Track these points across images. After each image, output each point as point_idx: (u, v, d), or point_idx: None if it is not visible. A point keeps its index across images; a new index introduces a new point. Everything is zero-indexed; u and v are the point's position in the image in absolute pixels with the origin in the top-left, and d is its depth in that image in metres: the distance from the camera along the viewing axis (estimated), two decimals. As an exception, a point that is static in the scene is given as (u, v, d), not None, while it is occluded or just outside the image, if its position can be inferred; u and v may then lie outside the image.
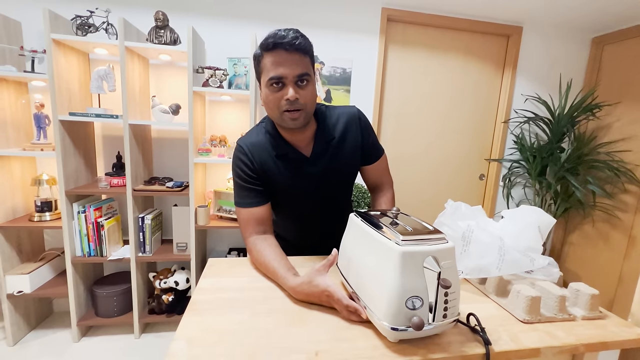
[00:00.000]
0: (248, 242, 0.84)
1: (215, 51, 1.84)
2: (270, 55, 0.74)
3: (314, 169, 0.87)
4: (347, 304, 0.60)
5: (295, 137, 0.85)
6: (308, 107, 0.78)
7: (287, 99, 0.74)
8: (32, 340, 1.67)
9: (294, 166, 0.86)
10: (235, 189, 0.87)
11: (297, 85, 0.75)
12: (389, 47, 2.04)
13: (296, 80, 0.75)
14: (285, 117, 0.77)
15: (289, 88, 0.74)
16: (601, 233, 2.09)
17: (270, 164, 0.85)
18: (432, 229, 0.58)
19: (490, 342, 0.55)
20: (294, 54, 0.74)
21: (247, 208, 0.84)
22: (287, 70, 0.73)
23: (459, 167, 2.28)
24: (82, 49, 1.62)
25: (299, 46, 0.73)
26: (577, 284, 0.69)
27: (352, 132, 0.90)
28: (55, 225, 1.57)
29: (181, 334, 0.54)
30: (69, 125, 1.55)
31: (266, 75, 0.75)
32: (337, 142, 0.88)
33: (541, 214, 0.80)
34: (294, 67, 0.74)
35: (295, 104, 0.75)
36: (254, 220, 0.84)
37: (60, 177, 1.52)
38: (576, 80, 2.19)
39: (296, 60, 0.74)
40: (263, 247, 0.80)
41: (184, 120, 1.67)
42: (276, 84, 0.74)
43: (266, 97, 0.78)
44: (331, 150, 0.88)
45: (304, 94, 0.76)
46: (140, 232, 1.68)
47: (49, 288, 1.65)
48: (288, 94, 0.74)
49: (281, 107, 0.76)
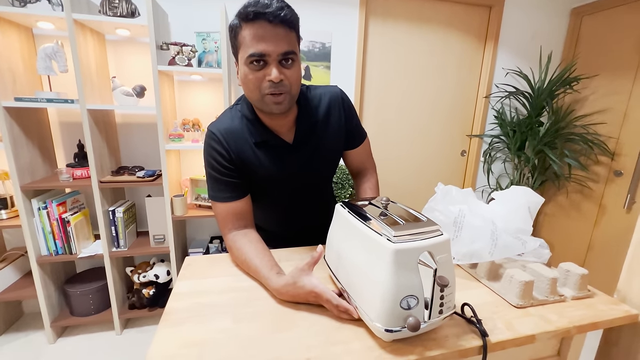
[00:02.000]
0: (227, 239, 0.76)
1: (181, 25, 1.66)
2: (250, 27, 0.63)
3: (296, 156, 0.79)
4: (337, 303, 0.55)
5: (275, 121, 0.76)
6: (293, 89, 0.69)
7: (270, 80, 0.65)
8: (3, 345, 1.57)
9: (275, 154, 0.77)
10: (209, 181, 0.78)
11: (282, 65, 0.65)
12: (370, 20, 1.93)
13: (280, 58, 0.65)
14: (268, 100, 0.68)
15: (272, 67, 0.64)
16: (574, 203, 2.17)
17: (248, 152, 0.76)
18: (425, 220, 0.54)
19: (487, 334, 0.53)
20: (279, 28, 0.63)
21: (225, 203, 0.76)
22: (271, 46, 0.63)
23: (441, 144, 2.28)
24: (23, 22, 1.41)
25: (284, 18, 0.62)
26: (567, 264, 0.69)
27: (336, 113, 0.82)
28: (14, 224, 1.43)
29: (155, 352, 0.48)
30: (16, 112, 1.38)
31: (245, 51, 0.64)
32: (320, 125, 0.80)
33: (531, 194, 0.78)
34: (279, 43, 0.63)
35: (279, 87, 0.66)
36: (233, 215, 0.76)
37: (12, 171, 1.37)
38: (556, 53, 2.18)
39: (281, 35, 0.63)
40: (243, 243, 0.73)
41: (150, 103, 1.53)
42: (257, 62, 0.64)
43: (245, 76, 0.67)
44: (314, 135, 0.80)
45: (290, 74, 0.67)
46: (112, 226, 1.57)
47: (15, 290, 1.54)
48: (271, 75, 0.64)
49: (263, 90, 0.67)
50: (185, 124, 1.66)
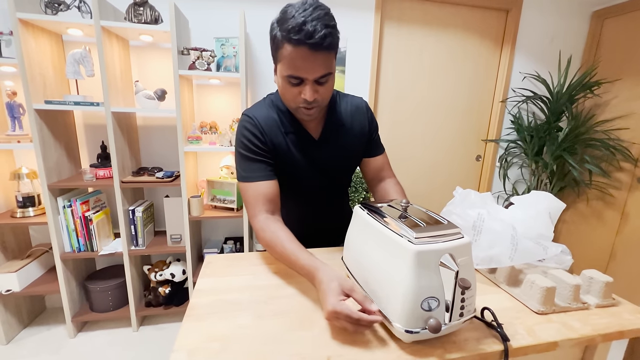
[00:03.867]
0: (258, 221, 0.74)
1: (201, 31, 1.71)
2: (291, 49, 0.65)
3: (320, 151, 0.84)
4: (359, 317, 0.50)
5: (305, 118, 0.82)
6: (324, 102, 0.76)
7: (304, 99, 0.70)
8: (27, 337, 1.63)
9: (301, 146, 0.83)
10: (241, 163, 0.79)
11: (317, 84, 0.70)
12: (385, 24, 1.94)
13: (317, 80, 0.69)
14: (300, 112, 0.75)
15: (308, 88, 0.69)
16: (595, 210, 2.11)
17: (280, 139, 0.80)
18: (446, 223, 0.54)
19: (509, 339, 0.52)
20: (320, 54, 0.65)
21: (256, 182, 0.76)
22: (309, 72, 0.67)
23: (456, 148, 2.25)
24: (54, 29, 1.49)
25: (326, 47, 0.65)
26: (590, 271, 0.67)
27: (360, 120, 0.88)
28: (40, 221, 1.50)
29: (181, 344, 0.50)
30: (45, 115, 1.45)
31: (285, 69, 0.68)
32: (345, 128, 0.86)
33: (551, 199, 0.77)
34: (317, 69, 0.67)
35: (312, 103, 0.72)
36: (263, 196, 0.76)
37: (41, 171, 1.43)
38: (576, 57, 2.13)
39: (320, 61, 0.66)
40: (278, 227, 0.72)
41: (170, 106, 1.58)
42: (294, 82, 0.69)
43: (282, 87, 0.73)
44: (339, 135, 0.85)
45: (323, 91, 0.72)
46: (132, 225, 1.62)
47: (39, 285, 1.60)
48: (306, 95, 0.69)
49: (297, 103, 0.73)
50: (203, 126, 1.70)
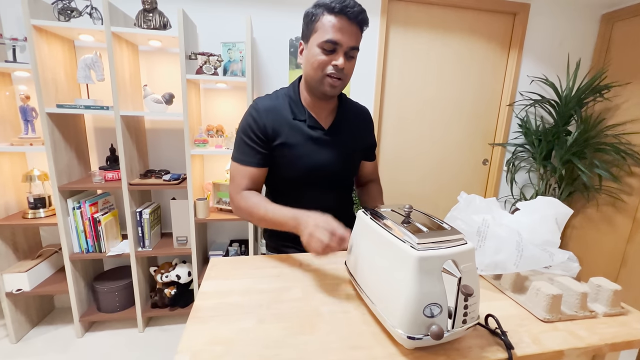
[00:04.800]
0: (239, 196, 0.83)
1: (208, 36, 1.74)
2: (332, 18, 0.74)
3: (328, 142, 0.88)
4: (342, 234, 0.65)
5: (316, 107, 0.87)
6: (347, 79, 0.81)
7: (335, 65, 0.76)
8: (35, 337, 1.66)
9: (309, 135, 0.85)
10: (238, 145, 0.86)
11: (346, 56, 0.77)
12: (391, 28, 1.94)
13: (347, 50, 0.76)
14: (327, 81, 0.78)
15: (340, 56, 0.76)
16: (605, 216, 2.07)
17: (284, 128, 0.84)
18: (449, 229, 0.54)
19: (513, 347, 0.52)
20: (354, 26, 0.75)
21: (246, 166, 0.84)
22: (345, 38, 0.74)
23: (462, 152, 2.24)
24: (66, 35, 1.53)
25: (361, 20, 0.75)
26: (598, 279, 0.66)
27: (365, 123, 0.98)
28: (51, 222, 1.53)
29: (185, 346, 0.51)
30: (57, 118, 1.48)
31: (321, 36, 0.75)
32: (352, 126, 0.92)
33: (558, 205, 0.76)
34: (351, 37, 0.75)
35: (340, 73, 0.77)
36: (249, 178, 0.85)
37: (52, 173, 1.47)
38: (585, 60, 2.11)
39: (354, 32, 0.76)
40: (259, 198, 0.82)
41: (178, 110, 1.60)
42: (329, 48, 0.75)
43: (313, 56, 0.77)
44: (347, 129, 0.91)
45: (349, 67, 0.79)
46: (139, 227, 1.64)
47: (48, 285, 1.63)
48: (338, 62, 0.75)
49: (325, 71, 0.77)
50: (209, 130, 1.72)
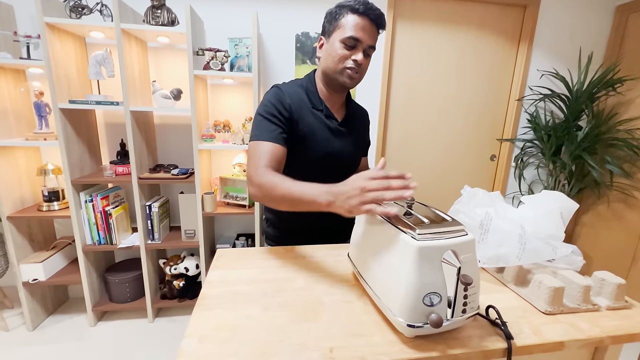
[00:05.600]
0: (263, 173, 0.74)
1: (215, 32, 1.76)
2: (356, 17, 0.80)
3: (342, 131, 0.93)
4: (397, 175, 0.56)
5: (329, 100, 0.93)
6: (362, 75, 0.87)
7: (354, 60, 0.82)
8: (51, 325, 1.72)
9: (327, 124, 0.91)
10: (258, 124, 0.83)
11: (364, 53, 0.83)
12: (397, 23, 1.93)
13: (366, 48, 0.83)
14: (345, 73, 0.84)
15: (360, 52, 0.82)
16: (616, 213, 2.03)
17: (306, 112, 0.88)
18: (450, 220, 0.55)
19: (512, 336, 0.52)
20: (374, 27, 0.83)
21: (267, 142, 0.79)
22: (366, 36, 0.81)
23: (469, 148, 2.22)
24: (78, 32, 1.56)
25: (380, 23, 0.83)
26: (602, 273, 0.66)
27: (365, 125, 1.07)
28: (64, 215, 1.58)
29: (192, 331, 0.53)
30: (69, 114, 1.52)
31: (344, 32, 0.81)
32: (358, 121, 1.02)
33: (563, 199, 0.75)
34: (371, 37, 0.83)
35: (358, 67, 0.83)
36: (272, 155, 0.78)
37: (65, 167, 1.51)
38: (597, 53, 2.06)
39: (374, 32, 0.83)
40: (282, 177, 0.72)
41: (186, 105, 1.63)
42: (350, 44, 0.81)
43: (334, 50, 0.83)
44: (355, 124, 0.98)
45: (365, 64, 0.85)
46: (148, 220, 1.68)
47: (62, 275, 1.68)
48: (358, 57, 0.82)
49: (345, 64, 0.83)
50: (216, 125, 1.75)
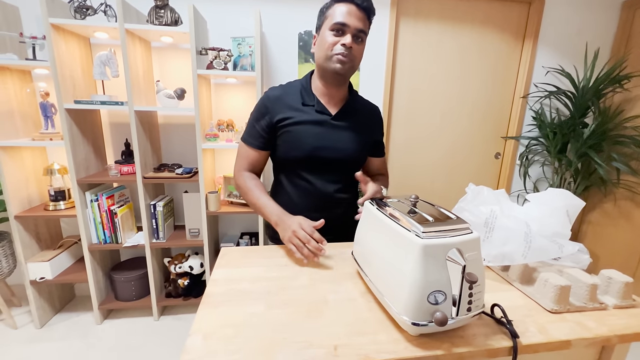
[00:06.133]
0: (241, 175, 0.96)
1: (218, 31, 1.76)
2: (341, 6, 0.82)
3: (333, 125, 0.92)
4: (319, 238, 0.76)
5: (326, 94, 0.92)
6: (355, 62, 0.86)
7: (342, 44, 0.82)
8: (58, 323, 1.74)
9: (316, 118, 0.91)
10: (249, 127, 0.95)
11: (354, 38, 0.83)
12: (401, 20, 1.92)
13: (355, 33, 0.82)
14: (335, 58, 0.84)
15: (348, 36, 0.82)
16: (623, 211, 2.01)
17: (292, 111, 0.90)
18: (454, 218, 0.55)
19: (518, 335, 0.52)
20: (361, 12, 0.83)
21: (249, 147, 0.94)
22: (352, 21, 0.82)
23: (474, 146, 2.20)
24: (82, 33, 1.57)
25: (367, 8, 0.83)
26: (609, 271, 0.65)
27: (373, 119, 1.02)
28: (70, 214, 1.59)
29: (197, 328, 0.53)
30: (75, 114, 1.53)
31: (331, 21, 0.83)
32: (360, 116, 0.97)
33: (569, 197, 0.75)
34: (358, 21, 0.83)
35: (347, 53, 0.83)
36: (250, 160, 0.95)
37: (70, 167, 1.53)
38: (604, 50, 2.03)
39: (361, 17, 0.83)
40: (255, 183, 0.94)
41: (189, 105, 1.63)
42: (338, 30, 0.82)
43: (323, 39, 0.85)
44: (354, 119, 0.95)
45: (357, 49, 0.85)
46: (153, 219, 1.69)
47: (69, 274, 1.70)
48: (345, 40, 0.82)
49: (334, 50, 0.83)
50: (220, 124, 1.75)
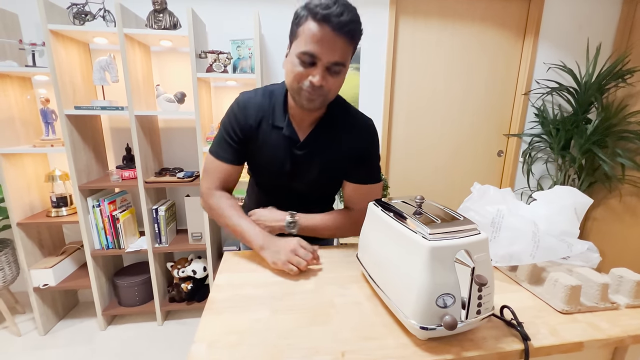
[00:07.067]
0: (211, 194, 0.83)
1: (217, 34, 1.76)
2: (314, 25, 0.64)
3: (299, 155, 0.81)
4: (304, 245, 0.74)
5: (299, 113, 0.79)
6: (330, 95, 0.72)
7: (311, 82, 0.68)
8: (62, 329, 1.74)
9: (283, 143, 0.80)
10: (217, 138, 0.84)
11: (328, 71, 0.67)
12: (400, 19, 1.91)
13: (329, 65, 0.67)
14: (303, 94, 0.70)
15: (318, 72, 0.66)
16: (628, 207, 1.99)
17: (261, 130, 0.80)
18: (461, 219, 0.53)
19: (529, 337, 0.51)
20: (339, 38, 0.64)
21: (222, 162, 0.82)
22: (325, 52, 0.65)
23: (476, 144, 2.19)
24: (82, 39, 1.57)
25: (348, 32, 0.64)
26: (620, 270, 0.64)
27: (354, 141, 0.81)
28: (72, 220, 1.59)
29: (201, 336, 0.52)
30: (75, 120, 1.53)
31: (300, 45, 0.66)
32: (337, 140, 0.80)
33: (577, 194, 0.73)
34: (334, 52, 0.65)
35: (317, 90, 0.69)
36: (222, 176, 0.83)
37: (72, 173, 1.52)
38: (606, 44, 2.02)
39: (339, 46, 0.65)
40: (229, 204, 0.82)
41: (190, 108, 1.63)
42: (307, 60, 0.66)
43: (292, 66, 0.69)
44: (325, 146, 0.80)
45: (332, 82, 0.69)
46: (155, 224, 1.69)
47: (72, 280, 1.70)
48: (314, 78, 0.67)
49: (302, 85, 0.69)
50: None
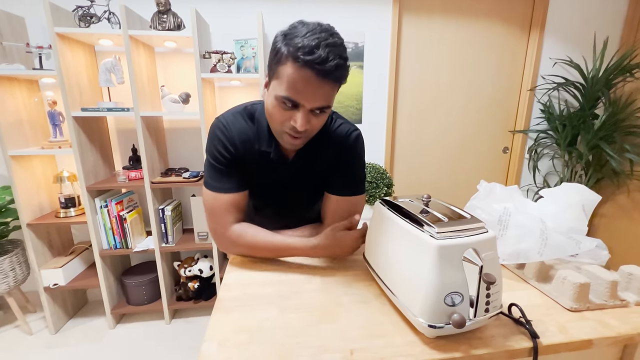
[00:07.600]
0: (232, 231, 0.73)
1: (221, 34, 1.76)
2: (295, 70, 0.57)
3: (289, 173, 0.78)
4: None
5: None
6: (313, 132, 0.68)
7: (293, 127, 0.63)
8: (72, 328, 1.77)
9: (273, 166, 0.76)
10: (210, 172, 0.74)
11: (312, 113, 0.63)
12: (404, 16, 1.90)
13: (313, 109, 0.62)
14: (285, 138, 0.67)
15: (301, 115, 0.61)
16: (637, 203, 1.96)
17: (251, 153, 0.74)
18: (469, 217, 0.53)
19: (538, 335, 0.51)
20: (325, 83, 0.59)
21: (229, 194, 0.73)
22: (308, 99, 0.60)
23: (481, 141, 2.17)
24: (87, 41, 1.59)
25: (334, 78, 0.59)
26: (629, 267, 0.63)
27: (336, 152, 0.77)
28: (81, 221, 1.61)
29: (211, 335, 0.53)
30: (82, 121, 1.55)
31: (280, 88, 0.60)
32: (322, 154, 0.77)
33: (585, 191, 0.73)
34: (318, 98, 0.60)
35: (300, 133, 0.64)
36: (235, 206, 0.74)
37: (80, 174, 1.54)
38: (613, 39, 1.99)
39: (323, 91, 0.60)
40: (255, 229, 0.74)
41: (194, 109, 1.64)
42: (289, 104, 0.61)
43: (272, 108, 0.64)
44: (314, 159, 0.78)
45: (315, 123, 0.65)
46: (162, 223, 1.71)
47: (81, 280, 1.72)
48: (297, 123, 0.62)
49: (284, 127, 0.65)
50: (225, 127, 1.75)
